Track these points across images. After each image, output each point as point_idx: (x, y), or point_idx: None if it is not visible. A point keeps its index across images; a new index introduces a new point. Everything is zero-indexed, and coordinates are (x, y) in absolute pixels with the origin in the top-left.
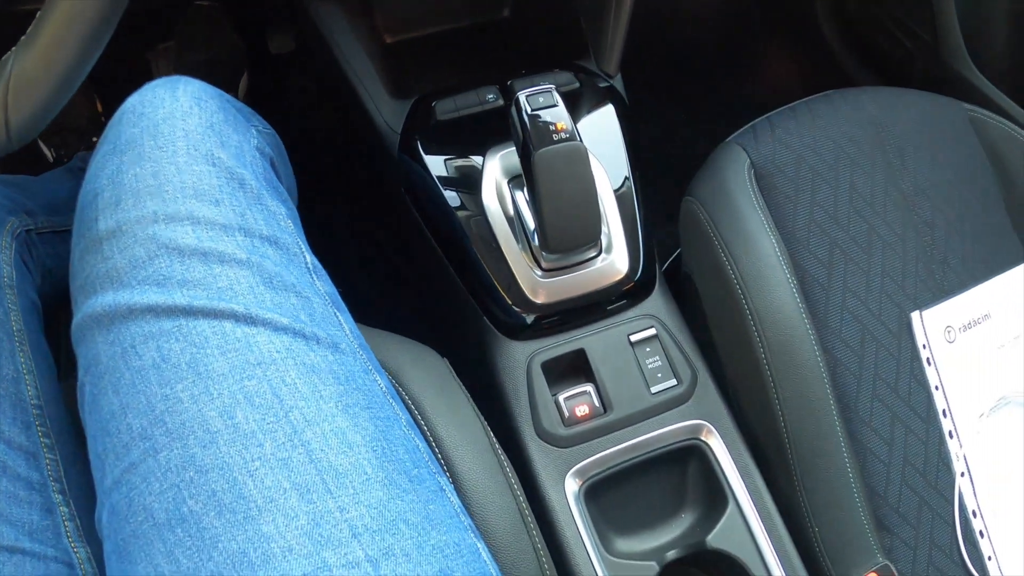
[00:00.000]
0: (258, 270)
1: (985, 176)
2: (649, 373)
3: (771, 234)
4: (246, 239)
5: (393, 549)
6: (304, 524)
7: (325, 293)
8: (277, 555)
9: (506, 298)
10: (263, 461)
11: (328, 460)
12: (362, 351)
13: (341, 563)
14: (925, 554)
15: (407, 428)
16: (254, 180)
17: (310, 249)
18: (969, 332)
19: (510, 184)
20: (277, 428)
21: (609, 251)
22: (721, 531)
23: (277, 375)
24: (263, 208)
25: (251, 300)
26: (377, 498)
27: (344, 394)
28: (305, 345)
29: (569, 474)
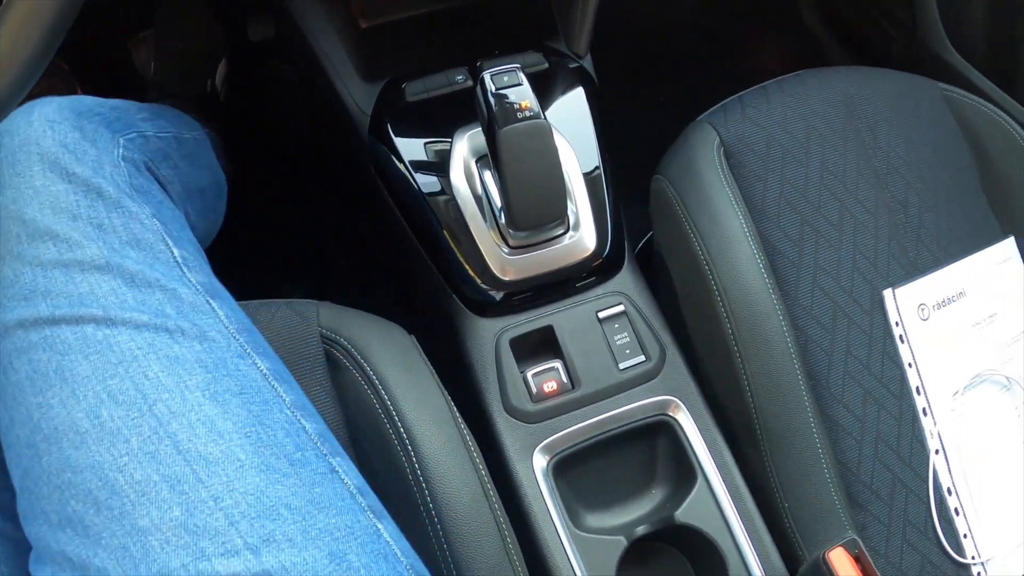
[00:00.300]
0: (118, 272)
1: (960, 155)
2: (617, 349)
3: (738, 210)
4: (105, 246)
5: (275, 535)
6: (178, 515)
7: (198, 284)
8: (156, 548)
9: (474, 276)
10: (131, 456)
11: (197, 450)
12: (240, 335)
13: (219, 552)
14: (899, 531)
15: (292, 410)
16: (112, 188)
17: (194, 244)
18: (943, 310)
19: (478, 164)
20: (142, 422)
21: (577, 228)
22: (689, 506)
23: (139, 371)
24: (123, 212)
25: (112, 302)
26: (254, 484)
27: (212, 382)
28: (169, 338)
29: (537, 449)
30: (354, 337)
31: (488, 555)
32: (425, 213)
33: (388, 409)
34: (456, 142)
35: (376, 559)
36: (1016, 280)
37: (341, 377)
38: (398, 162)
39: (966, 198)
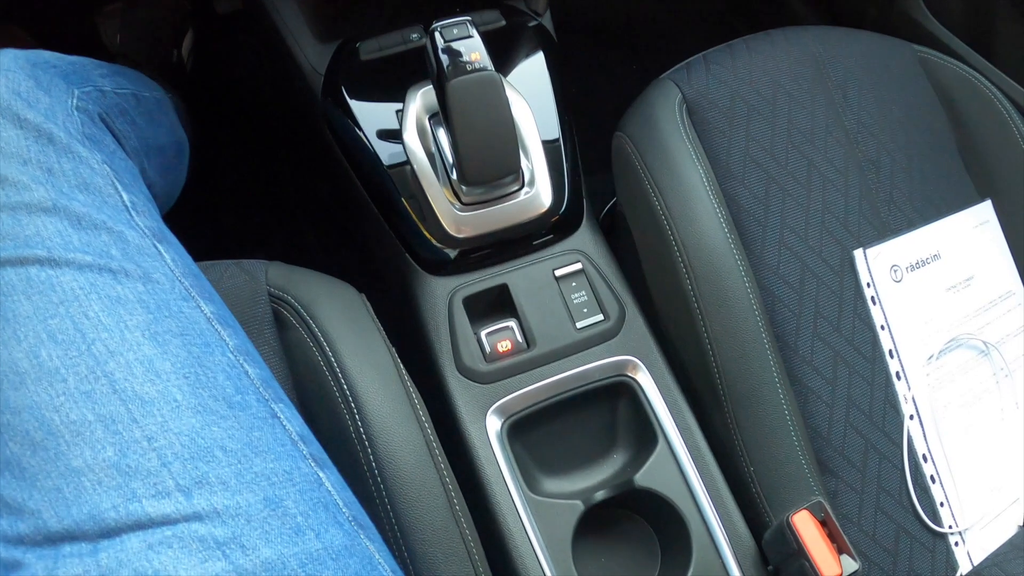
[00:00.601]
0: (65, 214)
1: (935, 116)
2: (574, 308)
3: (699, 165)
4: (54, 189)
5: (207, 477)
6: (111, 456)
7: (145, 228)
8: (88, 489)
9: (426, 233)
10: (67, 396)
11: (133, 389)
12: (185, 279)
13: (150, 493)
14: (872, 499)
15: (235, 354)
16: (64, 134)
17: (146, 194)
18: (917, 272)
19: (431, 121)
20: (80, 362)
21: (532, 184)
22: (650, 470)
23: (80, 310)
24: (73, 157)
25: (57, 243)
26: (188, 425)
27: (153, 322)
28: (112, 279)
29: (491, 411)
30: (301, 295)
31: (434, 518)
32: (378, 171)
33: (332, 366)
34: (409, 99)
35: (315, 507)
36: (993, 244)
37: (288, 336)
38: (351, 122)
39: (941, 160)
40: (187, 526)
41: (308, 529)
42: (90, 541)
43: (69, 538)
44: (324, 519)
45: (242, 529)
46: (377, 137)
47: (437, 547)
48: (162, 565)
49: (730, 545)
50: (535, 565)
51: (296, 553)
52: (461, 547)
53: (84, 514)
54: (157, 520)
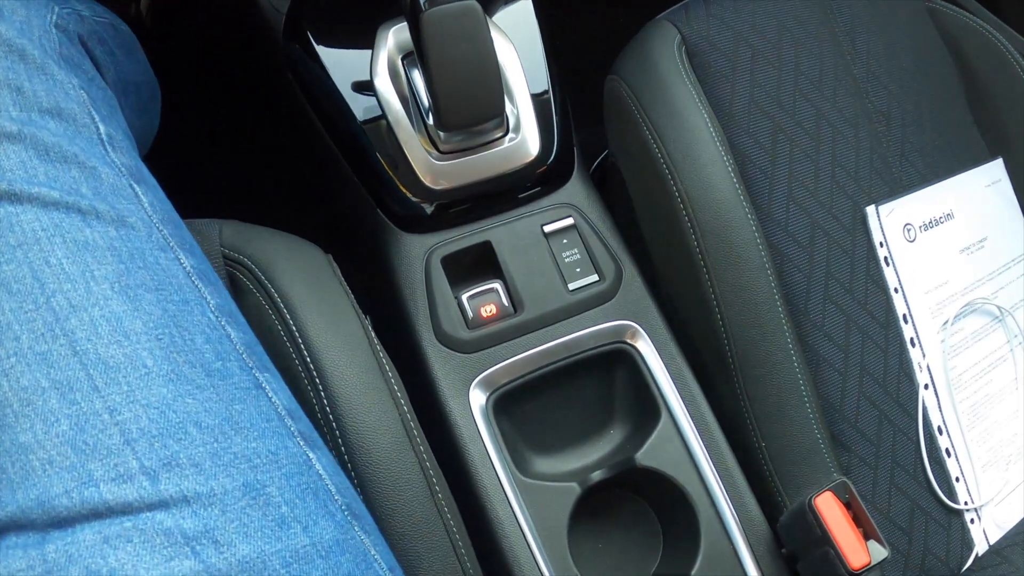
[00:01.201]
0: (32, 143)
1: (945, 67)
2: (566, 268)
3: (703, 110)
4: (22, 112)
5: (178, 457)
6: (66, 430)
7: (121, 165)
8: (36, 469)
9: (400, 186)
10: (19, 356)
11: (96, 351)
12: (164, 227)
13: (110, 476)
14: (887, 474)
15: (216, 314)
16: (38, 52)
17: (124, 127)
18: (931, 231)
19: (404, 61)
20: (36, 316)
21: (517, 130)
22: (652, 447)
23: (40, 256)
24: (47, 79)
25: (19, 175)
26: (159, 396)
27: (125, 274)
28: (81, 221)
29: (474, 383)
30: (258, 255)
31: (413, 509)
32: (345, 118)
33: (293, 334)
34: (380, 38)
35: (303, 494)
36: (1005, 204)
37: (244, 301)
38: (315, 64)
39: (952, 113)
40: (151, 517)
41: (294, 521)
42: (37, 531)
43: (13, 527)
44: (313, 509)
45: (216, 521)
46: (343, 79)
47: (418, 541)
48: (119, 562)
49: (741, 529)
50: (527, 556)
51: (279, 550)
52: (445, 540)
53: (31, 499)
54: (116, 509)
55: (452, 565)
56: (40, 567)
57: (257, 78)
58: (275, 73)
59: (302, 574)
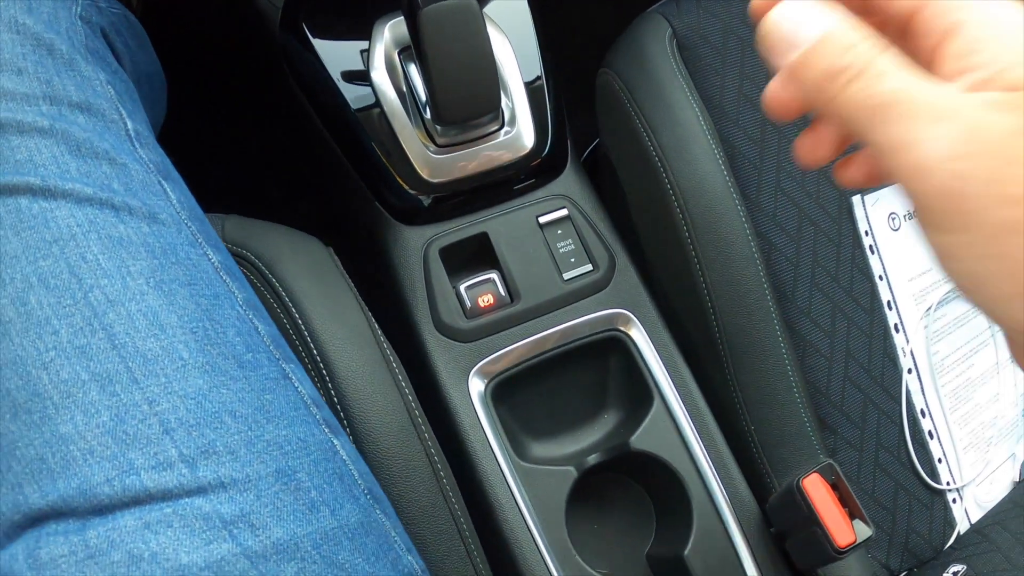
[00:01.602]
0: (63, 138)
1: None
2: (561, 258)
3: (694, 103)
4: (52, 107)
5: (215, 446)
6: (106, 421)
7: (149, 161)
8: (77, 459)
9: (398, 178)
10: (59, 350)
11: (134, 344)
12: (192, 223)
13: (150, 464)
14: (871, 456)
15: (244, 308)
16: (66, 46)
17: (147, 122)
18: (915, 220)
19: (401, 56)
20: (75, 311)
21: (513, 124)
22: (645, 431)
23: (76, 252)
24: (75, 74)
25: (52, 171)
26: (195, 387)
27: (159, 269)
28: (114, 216)
29: (473, 371)
30: (262, 250)
31: (420, 493)
32: (343, 112)
33: (299, 327)
34: (377, 33)
35: (330, 480)
36: None
37: None
38: (312, 58)
39: None
40: (190, 502)
41: (323, 505)
42: (78, 518)
43: (54, 515)
44: (339, 493)
45: (252, 506)
46: (340, 73)
47: (424, 526)
48: (160, 546)
49: (732, 510)
50: (527, 538)
51: (310, 533)
52: (451, 524)
53: (72, 488)
54: (156, 495)
55: (458, 548)
56: (82, 552)
57: (253, 71)
58: (271, 66)
59: (331, 555)
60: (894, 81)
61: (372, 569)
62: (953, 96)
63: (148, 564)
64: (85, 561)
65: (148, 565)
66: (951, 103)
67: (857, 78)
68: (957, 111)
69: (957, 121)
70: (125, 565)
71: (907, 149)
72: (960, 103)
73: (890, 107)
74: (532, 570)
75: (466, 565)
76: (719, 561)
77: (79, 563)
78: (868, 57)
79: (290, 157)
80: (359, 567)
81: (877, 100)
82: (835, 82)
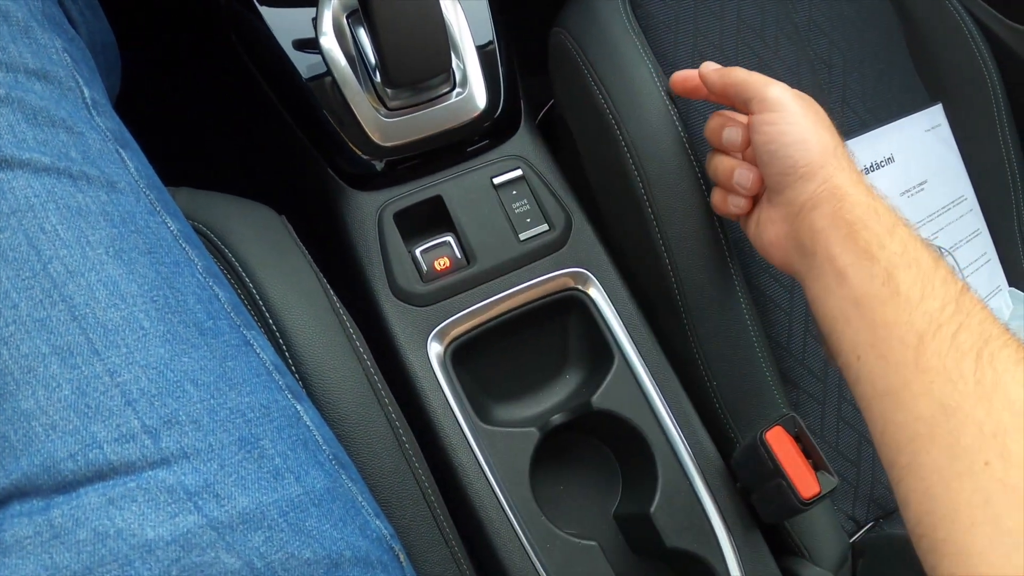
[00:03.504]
0: (19, 106)
1: (885, 15)
2: (516, 218)
3: (648, 61)
4: (7, 75)
5: (177, 415)
6: (68, 395)
7: (107, 129)
8: (40, 435)
9: (349, 144)
10: (18, 324)
11: (95, 315)
12: (150, 192)
13: (113, 437)
14: (834, 408)
15: (204, 275)
16: (22, 13)
17: (103, 89)
18: (872, 175)
19: (350, 20)
20: (34, 284)
21: (464, 85)
22: (607, 390)
23: (35, 223)
24: (31, 41)
25: (8, 140)
26: (157, 356)
27: (118, 238)
28: (72, 186)
29: (431, 335)
30: (212, 221)
31: (383, 459)
32: (291, 77)
33: (252, 295)
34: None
35: (294, 446)
36: (944, 148)
37: None
38: (260, 24)
39: (892, 60)
40: (153, 475)
41: (288, 472)
42: (42, 497)
43: (17, 495)
44: (304, 460)
45: (215, 475)
46: (288, 40)
47: (390, 492)
48: (125, 522)
49: (697, 465)
50: (492, 500)
51: (276, 500)
52: (415, 489)
53: (36, 465)
54: (120, 468)
55: (424, 513)
56: (47, 532)
57: (200, 40)
58: (219, 35)
59: (298, 522)
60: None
61: (340, 535)
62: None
63: (114, 541)
64: (51, 541)
65: (114, 542)
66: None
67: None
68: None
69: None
70: (91, 543)
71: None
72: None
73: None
74: (499, 533)
75: (432, 529)
76: (685, 517)
77: (45, 544)
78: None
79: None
80: (327, 533)
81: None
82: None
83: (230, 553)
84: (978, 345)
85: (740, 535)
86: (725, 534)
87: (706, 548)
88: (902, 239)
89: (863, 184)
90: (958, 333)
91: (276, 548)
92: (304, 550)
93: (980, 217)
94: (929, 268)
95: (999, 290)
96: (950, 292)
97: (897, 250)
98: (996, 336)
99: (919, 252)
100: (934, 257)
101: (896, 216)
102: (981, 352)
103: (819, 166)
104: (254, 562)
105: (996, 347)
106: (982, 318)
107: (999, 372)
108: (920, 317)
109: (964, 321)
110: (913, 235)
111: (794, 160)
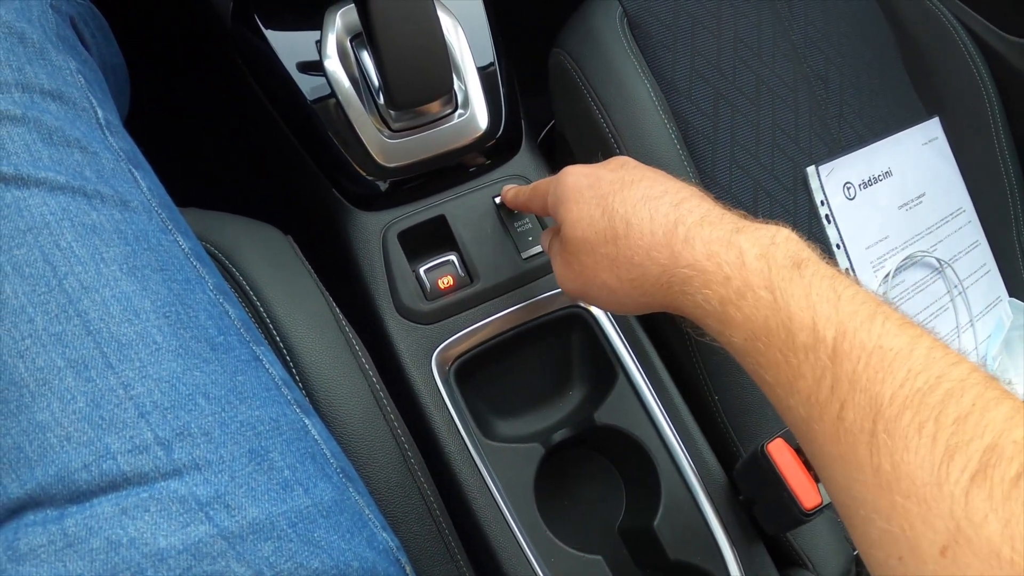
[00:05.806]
0: (35, 126)
1: (881, 31)
2: (519, 237)
3: (646, 80)
4: (24, 95)
5: (189, 428)
6: (82, 407)
7: (119, 149)
8: (55, 446)
9: (354, 165)
10: (34, 338)
11: (109, 330)
12: (161, 210)
13: (126, 448)
14: None
15: (215, 292)
16: (37, 35)
17: (115, 110)
18: (870, 189)
19: (353, 43)
20: (49, 299)
21: (466, 106)
22: (610, 405)
23: (50, 239)
24: (46, 63)
25: (25, 159)
26: (169, 370)
27: (132, 255)
28: (87, 204)
29: (436, 353)
30: (220, 241)
31: (389, 475)
32: (298, 102)
33: (260, 315)
34: (328, 21)
35: (303, 459)
36: (942, 161)
37: None
38: (265, 48)
39: (888, 75)
40: (166, 486)
41: (296, 484)
42: (56, 507)
43: (31, 504)
44: (312, 472)
45: (226, 487)
46: (293, 63)
47: (395, 506)
48: (138, 532)
49: (700, 479)
50: (497, 516)
51: (285, 511)
52: (421, 504)
53: (50, 476)
54: (133, 479)
55: (429, 527)
56: (61, 541)
57: (206, 62)
58: (224, 58)
59: (307, 533)
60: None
61: (348, 546)
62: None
63: (127, 550)
64: (64, 550)
65: (127, 551)
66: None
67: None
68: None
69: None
70: (104, 552)
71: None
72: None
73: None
74: (504, 547)
75: (438, 543)
76: (689, 531)
77: (58, 552)
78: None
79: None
80: (335, 544)
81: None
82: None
83: (240, 562)
84: (868, 425)
85: (743, 547)
86: (728, 546)
87: (710, 561)
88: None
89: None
90: (842, 413)
91: (285, 558)
92: (312, 560)
93: (979, 228)
94: (782, 338)
95: (999, 301)
96: (820, 360)
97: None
98: (886, 406)
99: (767, 320)
100: (785, 318)
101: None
102: (875, 432)
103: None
104: (263, 571)
105: (891, 416)
106: (866, 382)
107: (897, 454)
108: (800, 403)
109: (847, 398)
110: (760, 302)
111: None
